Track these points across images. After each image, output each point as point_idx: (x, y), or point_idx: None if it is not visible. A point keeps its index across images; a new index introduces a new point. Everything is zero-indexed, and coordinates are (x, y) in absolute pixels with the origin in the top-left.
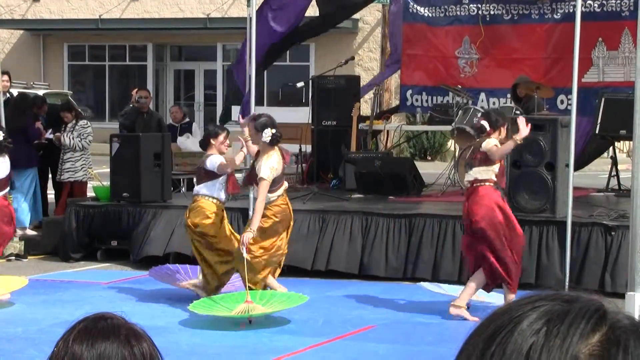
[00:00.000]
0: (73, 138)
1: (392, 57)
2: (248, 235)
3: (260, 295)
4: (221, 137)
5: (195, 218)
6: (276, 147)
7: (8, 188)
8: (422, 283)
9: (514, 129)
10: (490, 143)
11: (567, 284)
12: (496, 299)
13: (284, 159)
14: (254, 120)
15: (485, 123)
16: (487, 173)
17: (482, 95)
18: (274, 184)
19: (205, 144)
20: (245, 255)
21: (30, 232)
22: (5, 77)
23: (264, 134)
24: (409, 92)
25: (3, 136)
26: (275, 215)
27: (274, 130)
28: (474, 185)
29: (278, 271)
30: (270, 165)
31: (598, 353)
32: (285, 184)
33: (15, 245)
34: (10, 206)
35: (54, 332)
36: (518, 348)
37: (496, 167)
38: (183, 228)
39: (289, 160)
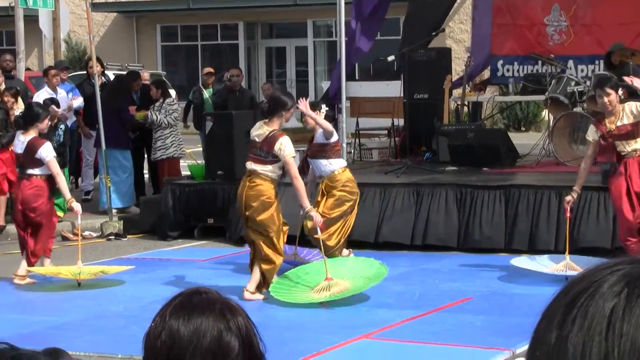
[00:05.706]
0: (158, 114)
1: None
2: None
3: (339, 267)
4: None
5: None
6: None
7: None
8: (513, 260)
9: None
10: None
11: None
12: None
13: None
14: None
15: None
16: None
17: (570, 63)
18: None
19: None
20: (319, 234)
21: (135, 208)
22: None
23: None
24: (500, 62)
25: (22, 112)
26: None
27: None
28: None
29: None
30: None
31: None
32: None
33: (115, 225)
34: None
35: (154, 309)
36: (600, 310)
37: None
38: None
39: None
